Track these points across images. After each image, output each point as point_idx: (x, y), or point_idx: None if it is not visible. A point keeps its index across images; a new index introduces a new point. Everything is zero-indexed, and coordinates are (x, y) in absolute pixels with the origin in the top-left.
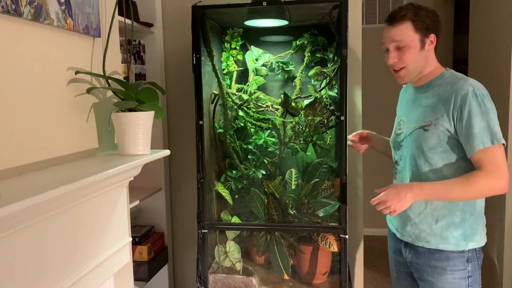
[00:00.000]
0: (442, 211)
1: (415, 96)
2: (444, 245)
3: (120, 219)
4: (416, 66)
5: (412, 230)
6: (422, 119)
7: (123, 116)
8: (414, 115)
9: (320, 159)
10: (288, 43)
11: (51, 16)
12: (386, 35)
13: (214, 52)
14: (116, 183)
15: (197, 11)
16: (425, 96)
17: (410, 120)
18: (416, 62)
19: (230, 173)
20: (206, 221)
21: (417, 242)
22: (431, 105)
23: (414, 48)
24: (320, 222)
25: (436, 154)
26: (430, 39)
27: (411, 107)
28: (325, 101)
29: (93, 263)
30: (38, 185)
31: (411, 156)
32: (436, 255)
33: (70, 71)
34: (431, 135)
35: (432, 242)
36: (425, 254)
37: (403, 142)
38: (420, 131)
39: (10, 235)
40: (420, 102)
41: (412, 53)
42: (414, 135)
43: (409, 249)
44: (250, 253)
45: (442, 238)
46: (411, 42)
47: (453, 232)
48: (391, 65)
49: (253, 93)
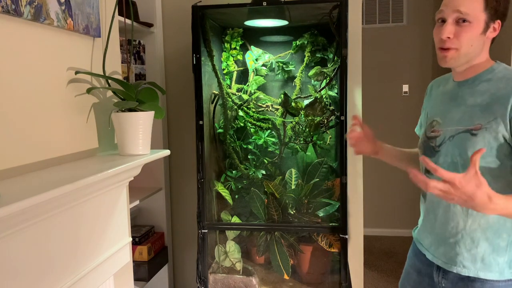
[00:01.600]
0: (485, 233)
1: (456, 92)
2: (485, 273)
3: (120, 219)
4: (469, 51)
5: (446, 251)
6: (468, 120)
7: (123, 116)
8: (456, 115)
9: (320, 159)
10: (288, 43)
11: (51, 16)
12: (448, 1)
13: (214, 52)
14: (116, 183)
15: (197, 11)
16: (471, 93)
17: (449, 122)
18: (471, 46)
19: (230, 173)
20: (206, 221)
21: (450, 266)
22: (481, 104)
23: (476, 29)
24: (320, 222)
25: (484, 164)
26: (494, 26)
27: (450, 105)
28: (325, 101)
29: (93, 263)
30: (38, 185)
31: (451, 165)
32: (477, 284)
33: (70, 71)
34: (480, 140)
35: (471, 268)
36: (464, 281)
37: (441, 147)
38: (466, 136)
39: (10, 235)
40: (464, 100)
41: (472, 33)
42: (457, 139)
43: (442, 274)
44: (250, 253)
45: (484, 264)
46: (476, 20)
47: (498, 258)
48: (442, 41)
49: (253, 93)
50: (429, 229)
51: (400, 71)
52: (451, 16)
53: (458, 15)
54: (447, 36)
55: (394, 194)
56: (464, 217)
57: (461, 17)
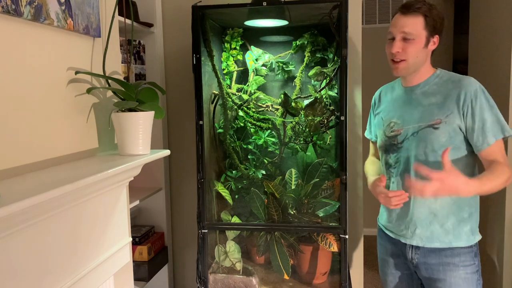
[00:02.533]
0: (451, 208)
1: (408, 97)
2: (457, 242)
3: (120, 219)
4: (416, 62)
5: (423, 232)
6: (428, 117)
7: (123, 116)
8: (414, 115)
9: (320, 159)
10: (288, 43)
11: (51, 16)
12: (396, 23)
13: (214, 52)
14: (116, 183)
15: (197, 11)
16: (424, 95)
17: (409, 121)
18: (417, 57)
19: (230, 173)
20: (206, 221)
21: (428, 243)
22: (436, 103)
23: (419, 44)
24: (320, 222)
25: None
26: (434, 40)
27: (406, 108)
28: (325, 101)
29: (93, 263)
30: (38, 185)
31: (416, 156)
32: (448, 251)
33: (70, 71)
34: (442, 132)
35: (445, 241)
36: (436, 252)
37: (403, 143)
38: (429, 130)
39: (10, 235)
40: (419, 101)
41: (416, 48)
42: (421, 134)
43: (415, 250)
44: (250, 253)
45: (454, 235)
46: (418, 37)
47: (464, 228)
48: (392, 54)
49: (253, 93)
50: (400, 217)
51: None
52: (398, 35)
53: (404, 34)
54: (397, 50)
55: None
56: (434, 199)
57: (406, 36)
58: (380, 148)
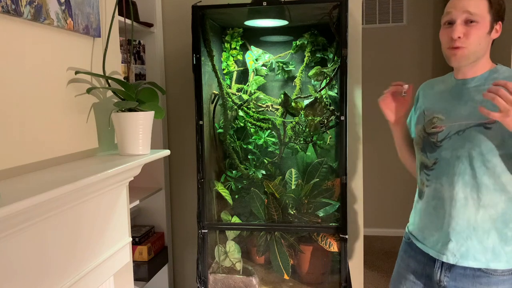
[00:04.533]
0: (495, 223)
1: (459, 90)
2: (495, 263)
3: (120, 219)
4: (477, 50)
5: (457, 247)
6: (480, 115)
7: (123, 116)
8: (463, 111)
9: (320, 159)
10: (288, 43)
11: (51, 16)
12: (456, 3)
13: (214, 52)
14: (116, 183)
15: (197, 11)
16: (478, 91)
17: (455, 117)
18: (479, 44)
19: (230, 173)
20: (206, 221)
21: (462, 261)
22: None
23: (483, 28)
24: (320, 222)
25: (495, 157)
26: (497, 27)
27: (454, 102)
28: (325, 101)
29: (93, 263)
30: (38, 185)
31: (459, 158)
32: (484, 279)
33: (70, 71)
34: (495, 134)
35: (481, 260)
36: (469, 277)
37: (443, 142)
38: (480, 129)
39: (10, 235)
40: (471, 97)
41: (480, 33)
42: (468, 133)
43: (446, 272)
44: (250, 253)
45: (494, 254)
46: (483, 20)
47: (506, 248)
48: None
49: (253, 93)
50: (435, 227)
51: (400, 71)
52: (460, 17)
53: (467, 16)
54: (458, 35)
55: (394, 194)
56: (475, 210)
57: (469, 18)
58: (416, 144)
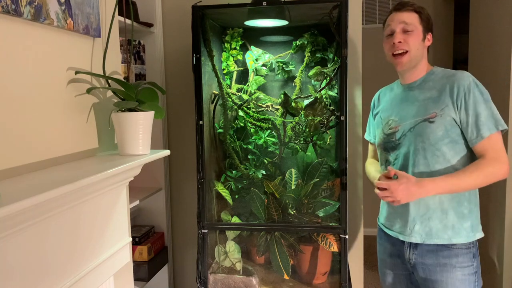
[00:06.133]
0: (450, 203)
1: (405, 94)
2: (456, 239)
3: (120, 219)
4: (417, 55)
5: (422, 228)
6: (424, 112)
7: (123, 116)
8: (410, 111)
9: (320, 159)
10: (288, 43)
11: (51, 16)
12: (393, 18)
13: (214, 52)
14: (116, 183)
15: (197, 11)
16: (420, 92)
17: (406, 117)
18: (417, 49)
19: (230, 173)
20: (206, 221)
21: (428, 240)
22: (432, 97)
23: (418, 36)
24: (320, 222)
25: (444, 145)
26: (428, 37)
27: (402, 105)
28: (325, 101)
29: (93, 263)
30: (38, 185)
31: (415, 151)
32: (445, 252)
33: (70, 71)
34: (438, 126)
35: (444, 237)
36: (433, 252)
37: (401, 139)
38: (425, 124)
39: (10, 235)
40: (415, 98)
41: (417, 39)
42: (417, 129)
43: (413, 250)
44: (250, 253)
45: (454, 231)
46: (417, 29)
47: (464, 224)
48: (393, 47)
49: (253, 93)
50: (400, 214)
51: None
52: (398, 27)
53: (404, 26)
54: (399, 40)
55: None
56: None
57: (405, 28)
58: (379, 146)
